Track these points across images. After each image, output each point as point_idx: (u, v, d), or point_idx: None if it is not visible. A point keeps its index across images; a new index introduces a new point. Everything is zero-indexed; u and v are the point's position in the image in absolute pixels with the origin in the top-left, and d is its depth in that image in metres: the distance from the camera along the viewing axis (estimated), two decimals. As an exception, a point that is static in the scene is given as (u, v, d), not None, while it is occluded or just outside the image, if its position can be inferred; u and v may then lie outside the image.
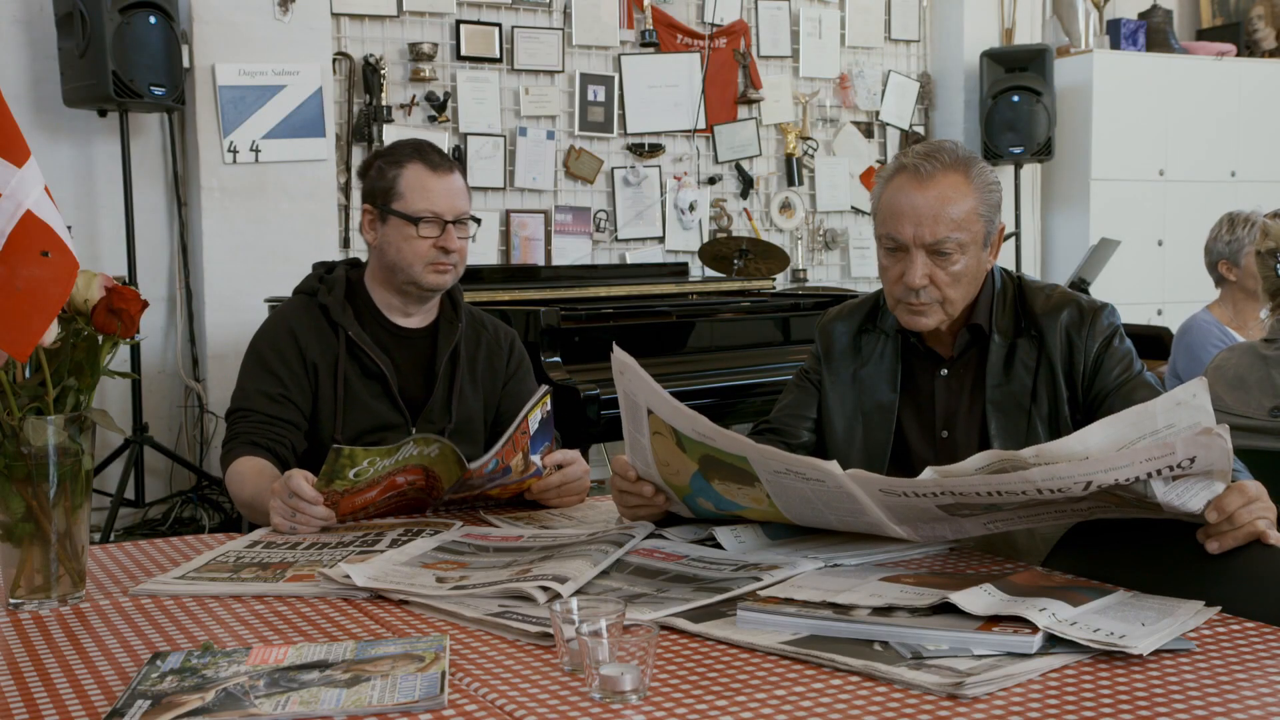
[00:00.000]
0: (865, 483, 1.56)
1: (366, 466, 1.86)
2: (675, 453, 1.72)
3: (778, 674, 1.21)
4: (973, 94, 6.21)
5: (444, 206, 2.29)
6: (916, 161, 1.92)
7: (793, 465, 1.58)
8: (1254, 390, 2.53)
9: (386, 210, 2.30)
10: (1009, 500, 1.48)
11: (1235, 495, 1.47)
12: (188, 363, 4.81)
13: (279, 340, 2.30)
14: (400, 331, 2.36)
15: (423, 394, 2.33)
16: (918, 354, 2.06)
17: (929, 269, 1.91)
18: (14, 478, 1.49)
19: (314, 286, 2.37)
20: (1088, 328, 1.95)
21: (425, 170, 2.30)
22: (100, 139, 4.62)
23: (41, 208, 1.44)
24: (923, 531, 1.64)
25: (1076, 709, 1.11)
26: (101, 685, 1.23)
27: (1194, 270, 3.98)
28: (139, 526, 4.57)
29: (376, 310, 2.36)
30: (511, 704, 1.14)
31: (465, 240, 2.33)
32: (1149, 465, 1.40)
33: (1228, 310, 3.68)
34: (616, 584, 1.53)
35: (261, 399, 2.24)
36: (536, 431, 2.00)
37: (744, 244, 5.14)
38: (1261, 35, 6.99)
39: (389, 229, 2.31)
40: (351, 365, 2.29)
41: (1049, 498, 1.45)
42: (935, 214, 1.89)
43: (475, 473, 1.95)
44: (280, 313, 2.38)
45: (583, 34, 5.49)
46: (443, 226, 2.28)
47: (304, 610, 1.49)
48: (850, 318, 2.13)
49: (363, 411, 2.27)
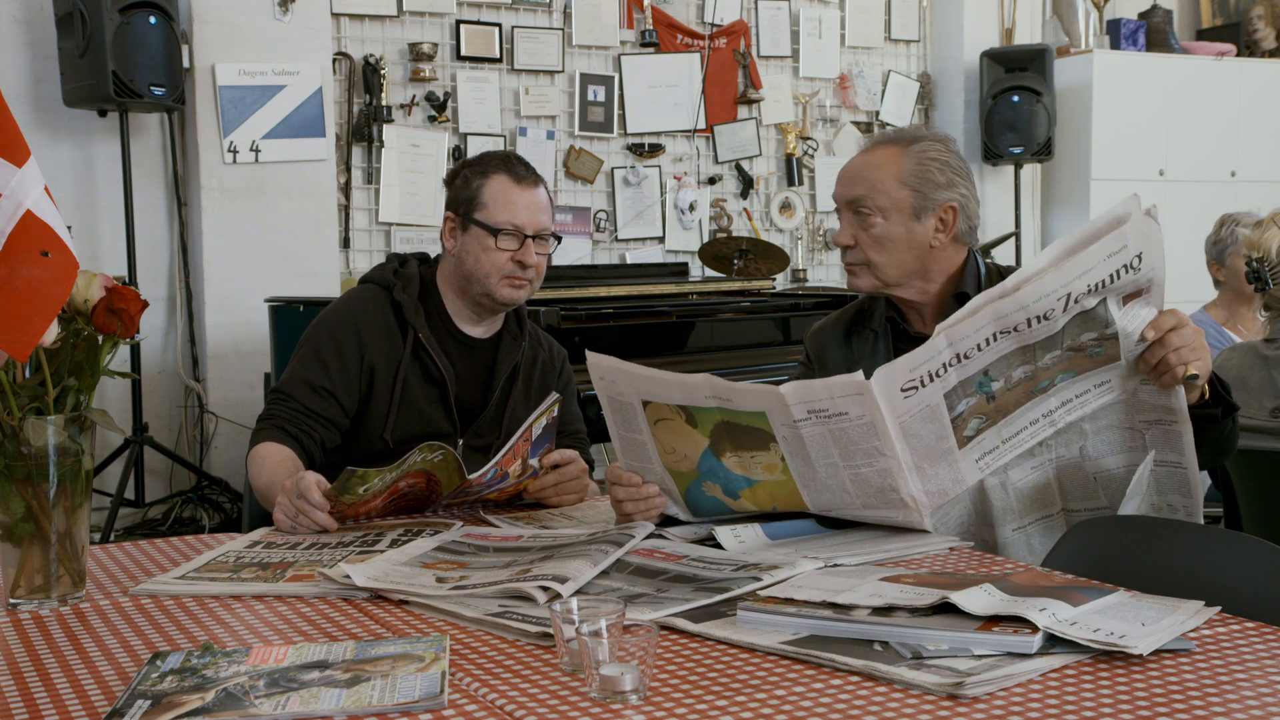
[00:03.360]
0: (889, 382, 1.62)
1: (377, 484, 1.87)
2: (684, 433, 1.73)
3: (778, 674, 1.21)
4: (973, 94, 6.22)
5: (525, 220, 2.26)
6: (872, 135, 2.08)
7: (818, 393, 1.62)
8: (1255, 391, 2.54)
9: (468, 219, 2.27)
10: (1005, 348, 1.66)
11: (1167, 316, 1.72)
12: (187, 363, 4.81)
13: (341, 333, 2.26)
14: (466, 339, 2.33)
15: (478, 405, 2.32)
16: (908, 340, 2.09)
17: (853, 229, 2.09)
18: (14, 478, 1.49)
19: (389, 280, 2.32)
20: None
21: (510, 182, 2.27)
22: (100, 139, 4.62)
23: (41, 208, 1.44)
24: (929, 484, 1.69)
25: (1077, 709, 1.11)
26: (101, 685, 1.23)
27: (1193, 271, 3.98)
28: (139, 526, 4.57)
29: (446, 315, 2.33)
30: (511, 704, 1.14)
31: (544, 256, 2.30)
32: (1110, 264, 1.65)
33: (1223, 310, 3.69)
34: (616, 584, 1.53)
35: (304, 389, 2.21)
36: (538, 437, 2.00)
37: (744, 244, 5.15)
38: (1261, 35, 6.99)
39: (469, 238, 2.28)
40: (413, 367, 2.26)
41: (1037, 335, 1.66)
42: (855, 175, 2.10)
43: (475, 482, 1.95)
44: (349, 303, 2.32)
45: (583, 34, 5.49)
46: (522, 240, 2.25)
47: (304, 610, 1.49)
48: (837, 323, 2.22)
49: (415, 416, 2.24)
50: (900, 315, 2.13)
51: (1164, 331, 1.70)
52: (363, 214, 5.13)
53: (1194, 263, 3.93)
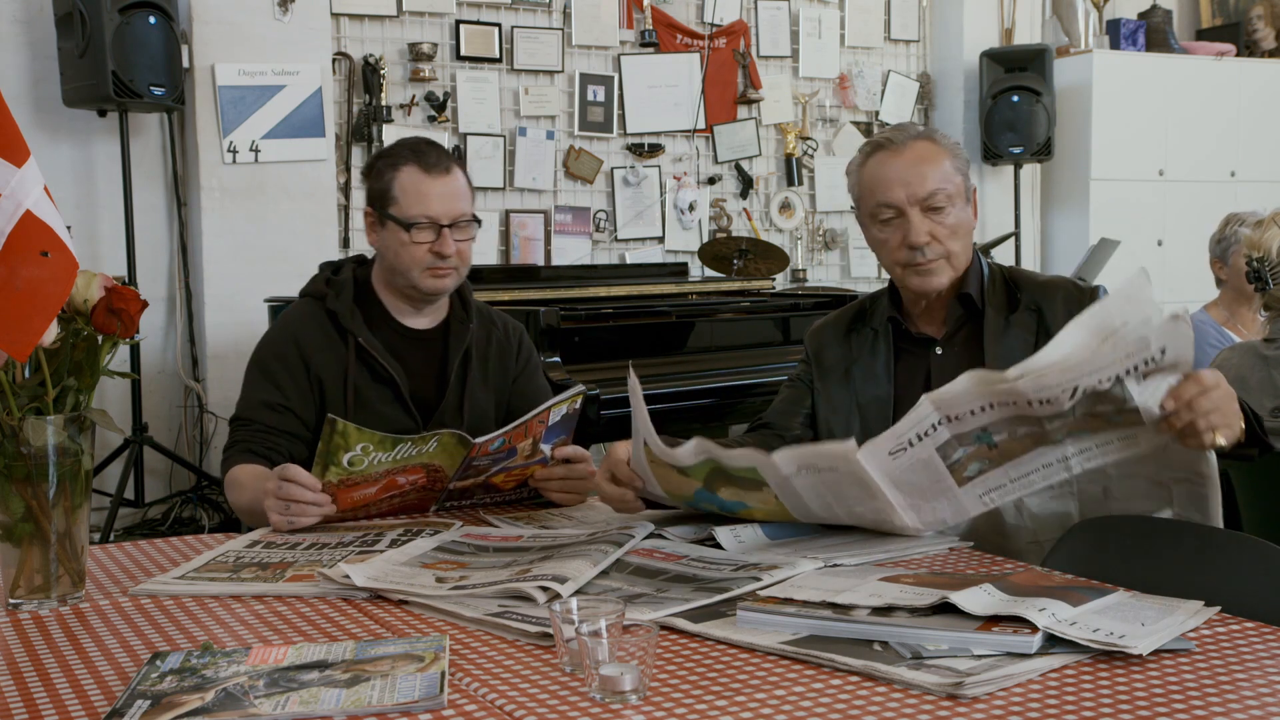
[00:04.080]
0: (876, 451, 1.59)
1: (361, 454, 1.85)
2: (678, 478, 1.74)
3: (777, 674, 1.21)
4: (972, 94, 6.21)
5: (439, 210, 2.24)
6: (883, 138, 2.05)
7: (807, 459, 1.61)
8: (1255, 391, 2.53)
9: (384, 214, 2.28)
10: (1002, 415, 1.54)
11: (1190, 384, 1.54)
12: (187, 363, 4.81)
13: (283, 350, 2.27)
14: (410, 333, 2.33)
15: (435, 397, 2.31)
16: (909, 340, 2.09)
17: (928, 225, 1.99)
18: (14, 478, 1.49)
19: (321, 290, 2.33)
20: (1087, 302, 1.98)
21: (419, 173, 2.25)
22: (100, 139, 4.62)
23: (41, 208, 1.44)
24: (925, 516, 1.66)
25: (1076, 709, 1.11)
26: (101, 685, 1.23)
27: (1194, 271, 3.98)
28: (138, 526, 4.56)
29: (386, 312, 2.32)
30: (511, 704, 1.14)
31: (466, 242, 2.28)
32: (1127, 362, 1.48)
33: (1224, 310, 3.69)
34: (616, 584, 1.53)
35: (262, 409, 2.22)
36: (556, 424, 1.98)
37: (744, 244, 5.14)
38: (1261, 35, 6.99)
39: (387, 233, 2.28)
40: (361, 371, 2.26)
41: (1040, 412, 1.52)
42: (920, 171, 2.00)
43: (480, 449, 1.93)
44: (286, 320, 2.33)
45: (582, 34, 5.49)
46: (438, 230, 2.24)
47: (304, 610, 1.49)
48: (837, 322, 2.20)
49: (374, 417, 2.22)
50: (901, 315, 2.13)
51: (1186, 401, 1.54)
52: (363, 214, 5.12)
53: (1194, 263, 3.94)
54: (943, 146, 2.03)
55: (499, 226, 5.36)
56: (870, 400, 2.07)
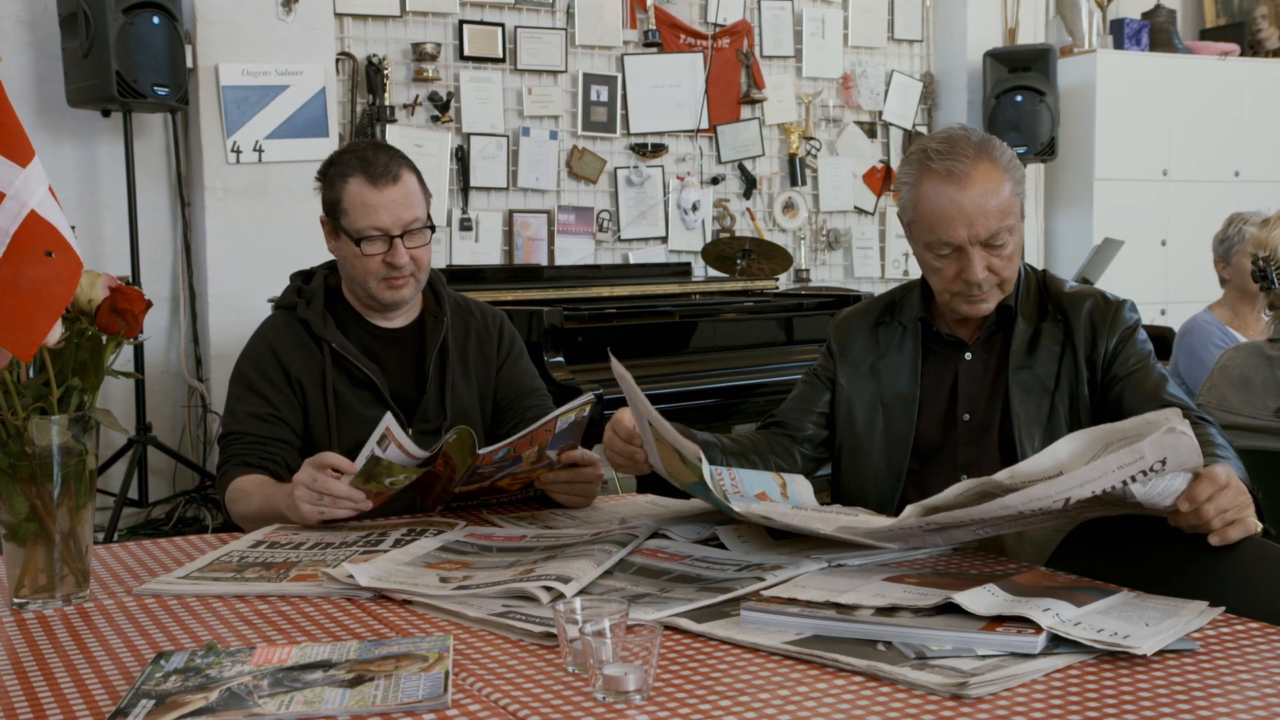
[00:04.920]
0: (852, 533, 1.59)
1: (403, 480, 1.87)
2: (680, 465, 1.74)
3: (781, 674, 1.21)
4: (976, 94, 6.21)
5: (388, 221, 2.19)
6: (944, 163, 1.91)
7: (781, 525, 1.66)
8: (1259, 391, 2.53)
9: (337, 225, 2.25)
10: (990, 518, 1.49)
11: (1205, 484, 1.46)
12: (191, 363, 4.81)
13: (261, 360, 2.25)
14: (385, 333, 2.32)
15: (415, 394, 2.29)
16: (939, 341, 2.07)
17: (986, 260, 1.93)
18: (18, 477, 1.50)
19: (292, 300, 2.31)
20: (1112, 316, 1.98)
21: (365, 184, 2.19)
22: (104, 139, 4.62)
23: (45, 208, 1.45)
24: (915, 543, 1.65)
25: (1080, 709, 1.11)
26: (105, 685, 1.23)
27: (1197, 270, 3.98)
28: (142, 526, 4.57)
29: (358, 315, 2.31)
30: (515, 704, 1.15)
31: (420, 248, 2.23)
32: (1121, 474, 1.39)
33: (1227, 310, 3.69)
34: (620, 584, 1.53)
35: (251, 420, 2.20)
36: (562, 431, 1.99)
37: (747, 244, 5.14)
38: (1265, 35, 6.98)
39: (341, 244, 2.25)
40: (339, 376, 2.25)
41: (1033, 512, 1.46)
42: (984, 210, 1.90)
43: (485, 459, 1.93)
44: (260, 332, 2.32)
45: (586, 34, 5.49)
46: (390, 241, 2.20)
47: (308, 610, 1.49)
48: (866, 313, 2.15)
49: (356, 420, 2.22)
50: (932, 316, 2.08)
51: (1201, 501, 1.47)
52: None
53: (1197, 263, 3.94)
54: (1002, 166, 1.93)
55: (502, 227, 5.36)
56: (894, 399, 2.06)
